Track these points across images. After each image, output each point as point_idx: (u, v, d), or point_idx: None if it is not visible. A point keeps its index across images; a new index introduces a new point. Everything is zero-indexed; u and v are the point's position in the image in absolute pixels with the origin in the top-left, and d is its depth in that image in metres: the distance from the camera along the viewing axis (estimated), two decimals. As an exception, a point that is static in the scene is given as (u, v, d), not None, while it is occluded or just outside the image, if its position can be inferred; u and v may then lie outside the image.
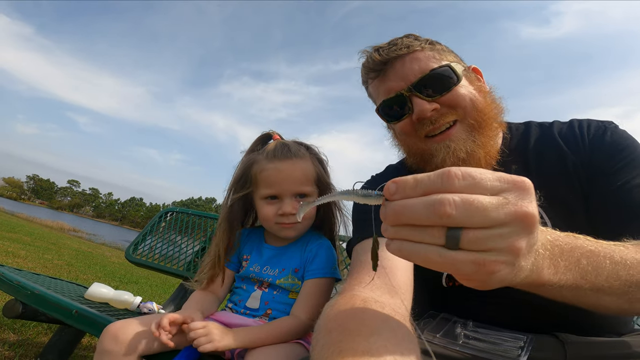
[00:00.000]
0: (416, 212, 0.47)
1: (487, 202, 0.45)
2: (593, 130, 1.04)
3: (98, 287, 1.79)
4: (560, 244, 0.61)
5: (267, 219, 1.40)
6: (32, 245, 7.27)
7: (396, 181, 0.50)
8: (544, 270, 0.58)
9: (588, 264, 0.63)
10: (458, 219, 0.45)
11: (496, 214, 0.45)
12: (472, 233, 0.46)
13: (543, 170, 1.03)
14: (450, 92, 1.03)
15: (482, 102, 1.06)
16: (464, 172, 0.47)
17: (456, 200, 0.45)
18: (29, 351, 2.06)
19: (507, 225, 0.46)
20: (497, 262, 0.47)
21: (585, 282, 0.63)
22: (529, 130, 1.13)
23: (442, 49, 1.10)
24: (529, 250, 0.50)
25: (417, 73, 1.04)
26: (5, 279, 1.55)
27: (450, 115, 1.04)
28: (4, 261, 4.61)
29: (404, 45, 1.06)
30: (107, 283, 5.13)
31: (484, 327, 0.95)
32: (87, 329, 1.35)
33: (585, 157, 1.01)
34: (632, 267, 0.67)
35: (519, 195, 0.47)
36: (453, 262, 0.47)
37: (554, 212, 0.98)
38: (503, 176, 0.48)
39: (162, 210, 2.72)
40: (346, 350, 0.58)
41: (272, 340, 1.18)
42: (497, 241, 0.46)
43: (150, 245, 2.45)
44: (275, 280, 1.37)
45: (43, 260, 5.68)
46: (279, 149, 1.41)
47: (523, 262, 0.50)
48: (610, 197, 0.94)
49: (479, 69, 1.15)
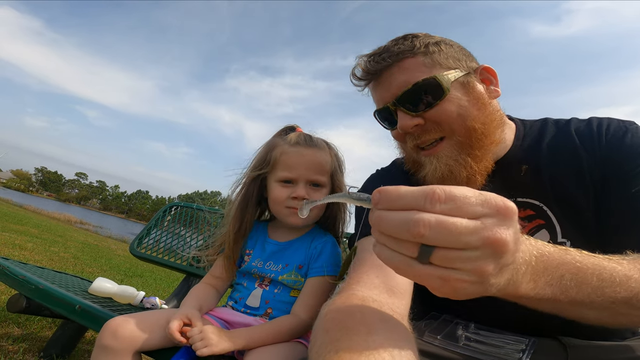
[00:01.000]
0: (393, 226, 0.49)
1: (462, 227, 0.47)
2: (612, 130, 0.98)
3: (102, 281, 1.80)
4: (545, 260, 0.62)
5: (279, 201, 1.40)
6: (39, 238, 7.34)
7: (381, 191, 0.51)
8: (523, 285, 0.59)
9: (571, 281, 0.63)
10: (431, 239, 0.47)
11: (468, 239, 0.47)
12: (442, 252, 0.48)
13: (555, 169, 0.99)
14: (434, 108, 0.97)
15: (475, 115, 0.98)
16: (448, 194, 0.48)
17: (431, 222, 0.46)
18: (33, 345, 2.07)
19: (478, 249, 0.48)
20: (461, 280, 0.50)
21: (564, 297, 0.64)
22: (545, 128, 1.07)
23: (439, 54, 1.00)
24: (499, 270, 0.51)
25: (402, 86, 0.99)
26: (10, 273, 1.56)
27: (435, 132, 0.99)
28: (11, 254, 4.67)
29: (393, 52, 1.00)
30: (112, 276, 5.18)
31: (486, 330, 0.95)
32: (90, 325, 1.35)
33: (601, 158, 0.95)
34: (620, 284, 0.66)
35: (497, 222, 0.49)
36: (421, 275, 0.50)
37: (563, 213, 0.96)
38: (487, 201, 0.49)
39: (167, 204, 2.73)
40: (343, 349, 0.59)
41: (272, 339, 1.18)
42: (465, 262, 0.48)
43: (155, 239, 2.46)
44: (277, 276, 1.37)
45: (49, 253, 5.73)
46: (303, 137, 1.46)
47: (493, 280, 0.52)
48: (623, 203, 0.90)
49: (492, 69, 1.05)
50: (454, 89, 0.98)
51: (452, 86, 0.98)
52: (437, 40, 1.02)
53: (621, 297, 0.66)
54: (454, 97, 0.98)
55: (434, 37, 1.04)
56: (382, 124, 1.11)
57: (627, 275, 0.67)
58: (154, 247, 2.41)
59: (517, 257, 0.54)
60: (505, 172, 1.03)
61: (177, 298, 2.25)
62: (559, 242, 0.96)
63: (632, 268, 0.69)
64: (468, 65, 1.03)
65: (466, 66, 1.02)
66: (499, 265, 0.51)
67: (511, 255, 0.51)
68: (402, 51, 1.00)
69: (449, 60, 1.01)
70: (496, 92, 1.04)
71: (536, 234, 0.98)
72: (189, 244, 2.43)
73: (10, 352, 1.91)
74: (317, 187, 1.41)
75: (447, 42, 1.04)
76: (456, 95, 0.98)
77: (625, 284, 0.66)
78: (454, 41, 1.06)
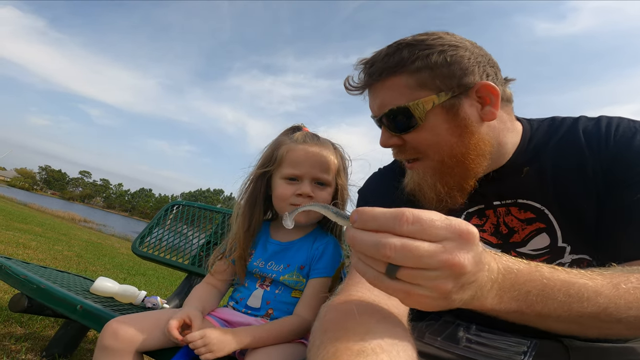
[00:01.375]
0: (365, 246, 0.55)
1: (423, 250, 0.52)
2: (622, 130, 0.92)
3: (103, 281, 1.81)
4: (512, 278, 0.64)
5: (283, 198, 1.39)
6: (43, 237, 7.38)
7: (358, 211, 0.57)
8: (488, 299, 0.63)
9: (537, 296, 0.66)
10: (396, 260, 0.53)
11: (429, 261, 0.52)
12: (407, 271, 0.54)
13: (559, 172, 0.95)
14: (409, 133, 0.96)
15: (453, 144, 0.94)
16: (415, 217, 0.53)
17: (397, 245, 0.52)
18: (36, 345, 2.08)
19: (437, 270, 0.53)
20: (424, 295, 0.55)
21: (530, 311, 0.67)
22: (552, 127, 1.03)
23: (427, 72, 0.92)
24: (459, 288, 0.56)
25: (382, 106, 0.98)
26: (12, 273, 1.56)
27: (410, 153, 1.00)
28: (15, 252, 4.69)
29: (378, 68, 0.96)
30: (115, 275, 5.19)
31: (487, 331, 0.94)
32: (91, 325, 1.36)
33: (607, 160, 0.90)
34: (588, 299, 0.67)
35: (458, 245, 0.53)
36: (388, 288, 0.56)
37: (564, 216, 0.94)
38: (450, 225, 0.54)
39: (169, 203, 2.73)
40: (341, 350, 0.60)
41: (274, 340, 1.17)
42: (426, 280, 0.54)
43: (157, 238, 2.46)
44: (279, 277, 1.36)
45: (53, 252, 5.76)
46: (309, 135, 1.47)
47: (455, 296, 0.57)
48: (623, 210, 0.86)
49: (492, 87, 0.93)
50: (433, 115, 0.93)
51: (431, 113, 0.93)
52: (430, 52, 0.92)
53: (589, 312, 0.67)
54: (430, 126, 0.94)
55: (432, 46, 0.93)
56: None
57: (596, 292, 0.67)
58: (156, 246, 2.42)
59: (480, 276, 0.58)
60: (507, 175, 1.01)
61: (178, 297, 2.26)
62: (559, 246, 0.94)
63: (604, 284, 0.69)
64: (461, 83, 0.92)
65: (457, 85, 0.92)
66: (459, 284, 0.56)
67: (471, 276, 0.56)
68: (387, 67, 0.94)
69: (436, 80, 0.92)
70: (492, 114, 0.95)
71: (535, 237, 0.96)
72: (191, 242, 2.43)
73: (12, 351, 1.92)
74: (322, 185, 1.40)
75: (445, 51, 0.92)
76: (433, 123, 0.94)
77: (594, 299, 0.67)
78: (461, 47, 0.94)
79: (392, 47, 0.97)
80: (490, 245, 1.02)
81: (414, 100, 0.93)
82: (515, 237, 0.99)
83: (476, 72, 0.94)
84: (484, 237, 1.03)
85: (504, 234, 1.01)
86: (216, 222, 2.51)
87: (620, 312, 0.68)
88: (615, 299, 0.67)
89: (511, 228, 1.00)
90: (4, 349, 1.92)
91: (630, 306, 0.68)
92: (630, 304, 0.68)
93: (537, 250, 0.97)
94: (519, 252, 0.98)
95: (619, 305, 0.67)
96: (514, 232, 0.99)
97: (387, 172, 1.24)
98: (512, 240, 0.99)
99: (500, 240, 1.01)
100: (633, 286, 0.70)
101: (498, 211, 1.01)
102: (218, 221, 2.50)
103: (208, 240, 2.37)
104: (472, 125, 0.94)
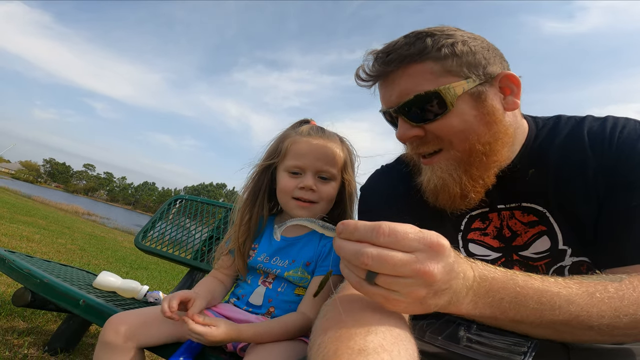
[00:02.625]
0: (347, 254, 0.62)
1: (397, 259, 0.58)
2: (627, 132, 0.90)
3: (106, 275, 1.82)
4: (487, 285, 0.69)
5: (286, 191, 1.38)
6: (46, 229, 7.42)
7: (343, 223, 0.64)
8: (464, 305, 0.68)
9: (510, 303, 0.70)
10: (374, 267, 0.60)
11: (402, 269, 0.59)
12: (384, 278, 0.61)
13: (561, 173, 0.93)
14: (435, 122, 0.92)
15: (481, 132, 0.92)
16: (390, 230, 0.59)
17: (374, 254, 0.59)
18: (38, 339, 2.10)
19: (410, 277, 0.60)
20: (400, 300, 0.62)
21: (504, 317, 0.71)
22: (557, 127, 1.00)
23: (452, 59, 0.90)
24: (434, 294, 0.62)
25: (404, 94, 0.93)
26: (16, 267, 1.57)
27: (433, 144, 0.96)
28: (19, 245, 4.72)
29: (400, 55, 0.92)
30: (117, 269, 5.21)
31: (488, 331, 0.94)
32: (94, 319, 1.36)
33: (609, 162, 0.88)
34: (560, 307, 0.70)
35: (429, 256, 0.60)
36: (368, 293, 0.64)
37: (565, 219, 0.93)
38: (423, 238, 0.60)
39: (172, 197, 2.73)
40: (342, 349, 0.60)
41: (278, 336, 1.17)
42: (402, 287, 0.61)
43: (160, 232, 2.47)
44: (283, 272, 1.34)
45: (57, 245, 5.79)
46: (315, 128, 1.45)
47: (431, 301, 0.63)
48: (624, 214, 0.85)
49: (515, 77, 0.94)
50: (462, 102, 0.91)
51: (460, 99, 0.91)
52: (455, 41, 0.91)
53: (560, 319, 0.70)
54: (459, 112, 0.91)
55: (452, 36, 0.92)
56: (388, 122, 1.08)
57: (568, 300, 0.70)
58: (158, 240, 2.43)
59: (454, 284, 0.64)
60: (513, 177, 0.99)
61: (181, 292, 2.27)
62: (560, 249, 0.94)
63: (578, 293, 0.71)
64: (486, 72, 0.92)
65: (483, 74, 0.92)
66: (432, 291, 0.61)
67: (443, 284, 0.62)
68: (410, 54, 0.91)
69: (463, 67, 0.91)
70: (514, 104, 0.95)
71: (538, 241, 0.96)
72: (194, 236, 2.44)
73: (15, 346, 1.93)
74: (326, 180, 1.38)
75: (467, 41, 0.92)
76: (462, 110, 0.91)
77: (565, 308, 0.70)
78: (478, 39, 0.95)
79: (410, 37, 0.94)
80: (492, 249, 1.02)
81: (443, 85, 0.90)
82: (517, 241, 0.99)
83: (497, 62, 0.95)
84: (485, 241, 1.03)
85: (506, 238, 1.00)
86: (219, 217, 2.51)
87: (592, 320, 0.70)
88: (588, 308, 0.70)
89: (514, 231, 0.99)
90: (7, 343, 1.93)
91: (602, 314, 0.70)
92: (602, 313, 0.70)
93: (539, 253, 0.96)
94: (521, 255, 0.98)
95: (591, 313, 0.70)
96: (517, 235, 0.99)
97: (391, 172, 1.22)
98: (515, 244, 0.99)
99: (503, 244, 1.00)
100: (609, 295, 0.71)
101: (502, 214, 1.01)
102: (221, 216, 2.50)
103: (210, 235, 2.38)
104: (498, 113, 0.93)
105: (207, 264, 2.22)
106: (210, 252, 2.27)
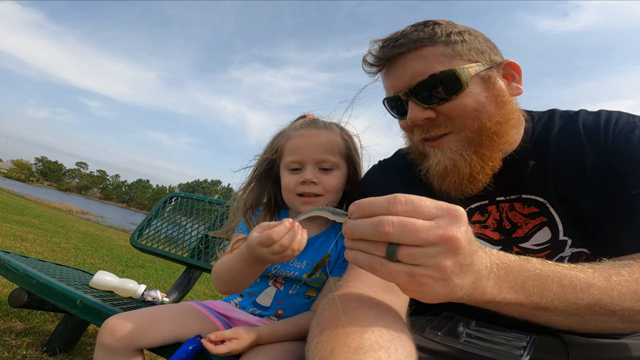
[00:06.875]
0: (364, 230, 0.57)
1: (419, 225, 0.55)
2: (620, 125, 0.93)
3: (102, 275, 1.80)
4: (506, 267, 0.66)
5: (289, 189, 1.34)
6: (40, 229, 7.36)
7: (356, 203, 0.60)
8: (488, 289, 0.64)
9: (533, 286, 0.67)
10: (395, 236, 0.55)
11: (426, 235, 0.54)
12: (406, 249, 0.55)
13: (559, 165, 0.96)
14: (449, 102, 0.94)
15: (492, 113, 0.95)
16: (407, 199, 0.56)
17: (394, 222, 0.55)
18: (36, 339, 2.08)
19: (435, 245, 0.55)
20: (425, 275, 0.56)
21: (529, 302, 0.67)
22: (552, 120, 1.03)
23: (462, 44, 0.95)
24: (459, 269, 0.57)
25: (417, 75, 0.95)
26: (11, 268, 1.56)
27: (445, 127, 0.96)
28: (13, 245, 4.68)
29: (412, 39, 0.95)
30: (113, 267, 5.17)
31: (487, 327, 0.95)
32: (91, 320, 1.35)
33: (605, 155, 0.91)
34: (582, 290, 0.68)
35: (449, 221, 0.56)
36: (390, 271, 0.57)
37: (565, 210, 0.94)
38: (440, 205, 0.57)
39: (167, 195, 2.71)
40: (339, 347, 0.60)
41: (293, 336, 1.16)
42: (426, 258, 0.55)
43: (156, 230, 2.45)
44: (301, 275, 1.28)
45: (51, 244, 5.74)
46: (307, 121, 1.42)
47: (457, 279, 0.58)
48: (621, 205, 0.87)
49: (516, 65, 1.00)
50: (473, 84, 0.94)
51: (472, 80, 0.94)
52: (461, 30, 0.97)
53: (584, 303, 0.68)
54: (472, 92, 0.94)
55: (457, 26, 0.98)
56: (391, 112, 1.08)
57: (588, 283, 0.69)
58: (154, 239, 2.41)
59: (476, 259, 0.60)
60: (514, 168, 1.00)
61: (178, 290, 2.26)
62: (561, 239, 0.95)
63: (596, 276, 0.70)
64: (491, 58, 0.98)
65: (489, 60, 0.98)
66: (458, 263, 0.57)
67: (468, 255, 0.58)
68: (421, 38, 0.95)
69: (472, 52, 0.96)
70: (518, 90, 1.00)
71: (538, 232, 0.97)
72: (190, 234, 2.43)
73: (13, 346, 1.91)
74: (327, 170, 1.33)
75: (471, 32, 0.99)
76: (474, 91, 0.94)
77: (587, 291, 0.68)
78: (478, 32, 1.01)
79: (417, 25, 0.99)
80: (492, 241, 1.02)
81: (457, 66, 0.93)
82: (518, 232, 0.99)
83: (497, 51, 1.02)
84: (485, 234, 1.03)
85: (506, 230, 1.01)
86: (215, 214, 2.50)
87: (614, 303, 0.69)
88: (608, 291, 0.69)
89: (514, 223, 1.00)
90: (5, 344, 1.92)
91: (623, 298, 0.69)
92: (623, 296, 0.69)
93: (540, 244, 0.97)
94: (522, 247, 0.98)
95: (612, 296, 0.69)
96: (517, 227, 0.99)
97: (389, 166, 1.22)
98: (515, 236, 1.00)
99: (503, 236, 1.01)
100: (624, 279, 0.71)
101: (501, 207, 1.01)
102: (217, 213, 2.49)
103: (207, 233, 2.37)
104: (506, 95, 0.97)
105: (204, 262, 2.21)
106: (207, 250, 2.27)
